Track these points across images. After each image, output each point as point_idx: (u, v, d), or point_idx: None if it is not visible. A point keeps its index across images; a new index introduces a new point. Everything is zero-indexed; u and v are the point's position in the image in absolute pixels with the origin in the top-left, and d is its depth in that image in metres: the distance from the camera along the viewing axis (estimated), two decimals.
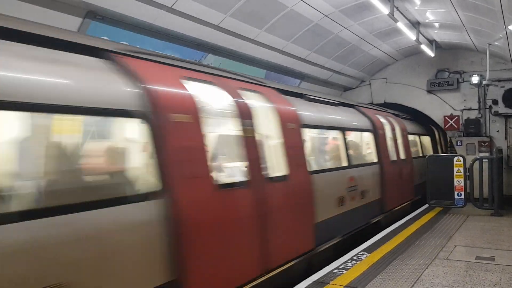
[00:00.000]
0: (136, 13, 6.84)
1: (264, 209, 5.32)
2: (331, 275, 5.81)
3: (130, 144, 4.22)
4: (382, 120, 10.79)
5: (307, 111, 7.23)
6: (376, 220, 9.31)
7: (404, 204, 11.04)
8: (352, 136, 9.15)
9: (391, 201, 10.22)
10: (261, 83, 6.64)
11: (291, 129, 6.31)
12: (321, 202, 6.81)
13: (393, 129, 11.18)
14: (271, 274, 5.38)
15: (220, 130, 5.44)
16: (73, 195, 3.40)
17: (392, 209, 10.30)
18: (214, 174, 4.58)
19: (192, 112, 4.39)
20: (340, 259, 6.61)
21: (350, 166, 8.27)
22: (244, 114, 5.30)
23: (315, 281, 5.60)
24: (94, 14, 6.40)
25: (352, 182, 8.20)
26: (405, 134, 12.14)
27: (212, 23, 8.02)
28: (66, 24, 5.95)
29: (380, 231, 8.62)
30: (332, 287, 5.38)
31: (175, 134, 4.10)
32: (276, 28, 9.25)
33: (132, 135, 4.24)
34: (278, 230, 5.55)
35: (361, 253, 6.94)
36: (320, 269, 6.10)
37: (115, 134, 4.31)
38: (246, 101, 5.46)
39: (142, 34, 7.35)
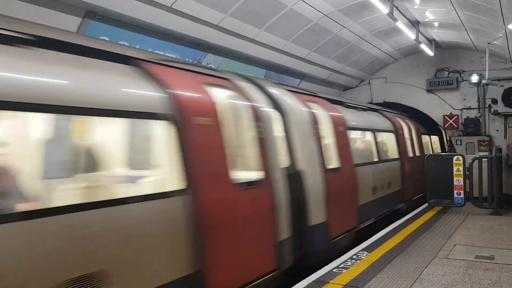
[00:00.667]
0: (136, 13, 6.84)
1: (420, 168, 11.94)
2: (330, 274, 5.82)
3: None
4: (442, 129, 16.63)
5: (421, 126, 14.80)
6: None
7: None
8: (435, 138, 17.39)
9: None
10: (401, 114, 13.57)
11: (418, 136, 13.73)
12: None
13: (446, 135, 17.77)
14: (417, 197, 12.33)
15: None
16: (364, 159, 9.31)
17: None
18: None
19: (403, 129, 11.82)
20: (340, 258, 6.61)
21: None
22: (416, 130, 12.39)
23: (315, 280, 5.60)
24: (94, 14, 6.40)
25: None
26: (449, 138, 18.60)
27: (212, 22, 8.03)
28: (65, 24, 5.95)
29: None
30: (332, 286, 5.39)
31: (401, 139, 11.40)
32: (276, 27, 9.26)
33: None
34: (416, 180, 12.24)
35: (360, 252, 6.95)
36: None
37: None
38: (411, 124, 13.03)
39: (141, 34, 7.35)
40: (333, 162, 7.52)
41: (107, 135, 4.48)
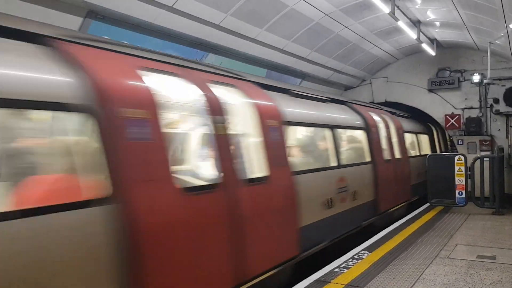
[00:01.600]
0: (137, 13, 6.85)
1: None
2: (332, 274, 5.81)
3: None
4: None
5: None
6: None
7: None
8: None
9: None
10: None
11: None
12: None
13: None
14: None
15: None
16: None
17: None
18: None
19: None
20: (341, 257, 6.61)
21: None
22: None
23: (316, 279, 5.60)
24: (95, 14, 6.40)
25: None
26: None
27: (213, 22, 8.03)
28: (67, 24, 5.96)
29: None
30: (333, 285, 5.39)
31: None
32: (277, 27, 9.25)
33: None
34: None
35: (362, 252, 6.95)
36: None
37: None
38: None
39: (142, 34, 7.36)
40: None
41: None
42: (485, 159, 10.95)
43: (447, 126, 14.22)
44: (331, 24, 10.14)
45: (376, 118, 10.23)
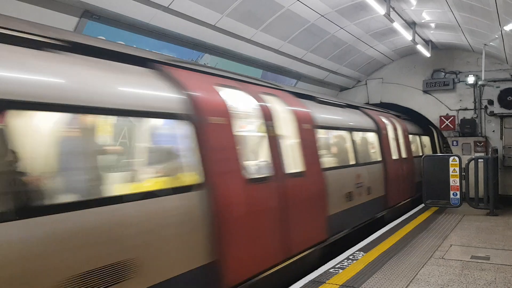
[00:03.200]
0: (133, 13, 6.84)
1: None
2: (327, 274, 5.83)
3: None
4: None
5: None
6: None
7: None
8: None
9: None
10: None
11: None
12: None
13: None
14: None
15: None
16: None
17: None
18: None
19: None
20: (336, 258, 6.63)
21: None
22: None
23: (311, 280, 5.62)
24: (91, 14, 6.39)
25: None
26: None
27: (209, 23, 8.03)
28: (62, 24, 5.94)
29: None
30: (328, 286, 5.40)
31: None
32: (273, 28, 9.26)
33: None
34: None
35: (357, 252, 6.97)
36: None
37: None
38: None
39: (138, 34, 7.35)
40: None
41: None
42: (479, 160, 11.01)
43: (441, 127, 14.28)
44: (326, 25, 10.16)
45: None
